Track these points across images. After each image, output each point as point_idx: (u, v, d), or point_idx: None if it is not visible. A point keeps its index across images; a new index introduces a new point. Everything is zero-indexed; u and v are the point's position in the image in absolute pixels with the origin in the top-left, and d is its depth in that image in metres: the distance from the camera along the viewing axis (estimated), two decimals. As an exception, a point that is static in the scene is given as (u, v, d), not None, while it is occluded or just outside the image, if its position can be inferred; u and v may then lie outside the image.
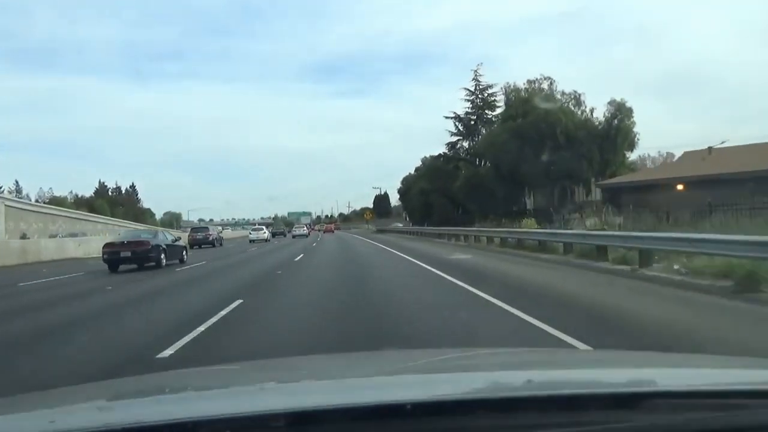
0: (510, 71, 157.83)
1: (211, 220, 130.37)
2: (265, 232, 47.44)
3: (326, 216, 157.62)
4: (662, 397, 1.21)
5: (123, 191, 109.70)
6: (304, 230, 60.12)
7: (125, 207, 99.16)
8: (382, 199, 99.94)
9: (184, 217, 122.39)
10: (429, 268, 14.01)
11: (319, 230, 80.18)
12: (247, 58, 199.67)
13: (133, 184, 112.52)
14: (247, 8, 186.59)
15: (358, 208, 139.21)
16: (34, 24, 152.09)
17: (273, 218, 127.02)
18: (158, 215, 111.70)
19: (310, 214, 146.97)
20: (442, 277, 11.79)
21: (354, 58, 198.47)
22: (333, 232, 72.81)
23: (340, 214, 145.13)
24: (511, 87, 40.50)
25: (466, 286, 9.88)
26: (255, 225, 66.90)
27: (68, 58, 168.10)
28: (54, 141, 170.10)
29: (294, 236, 55.61)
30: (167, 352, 5.48)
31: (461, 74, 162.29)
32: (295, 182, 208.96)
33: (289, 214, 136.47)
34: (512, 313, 6.97)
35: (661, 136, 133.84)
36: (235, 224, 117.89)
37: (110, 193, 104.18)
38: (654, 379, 1.54)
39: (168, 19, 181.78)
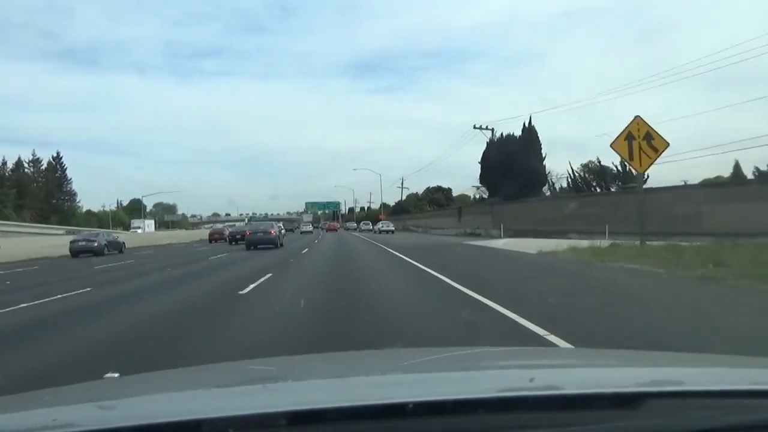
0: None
1: (227, 214, 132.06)
2: (282, 229, 60.06)
3: (361, 208, 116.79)
4: (663, 396, 1.18)
5: (46, 165, 77.80)
6: (309, 228, 74.66)
7: (20, 190, 66.69)
8: (508, 145, 42.76)
9: (180, 210, 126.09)
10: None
11: (321, 228, 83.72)
12: (282, 55, 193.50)
13: (58, 154, 77.35)
14: (284, 5, 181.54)
15: (419, 190, 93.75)
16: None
17: (303, 212, 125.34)
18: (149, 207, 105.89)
19: (337, 204, 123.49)
20: None
21: (390, 55, 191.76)
22: (336, 230, 74.14)
23: (384, 205, 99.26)
24: None
25: None
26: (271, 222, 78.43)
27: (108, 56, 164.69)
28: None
29: (301, 232, 67.48)
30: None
31: (498, 70, 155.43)
32: (322, 177, 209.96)
33: (307, 204, 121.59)
34: None
35: None
36: (251, 218, 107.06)
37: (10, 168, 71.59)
38: (655, 378, 1.51)
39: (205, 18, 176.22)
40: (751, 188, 24.69)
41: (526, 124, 41.26)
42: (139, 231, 52.64)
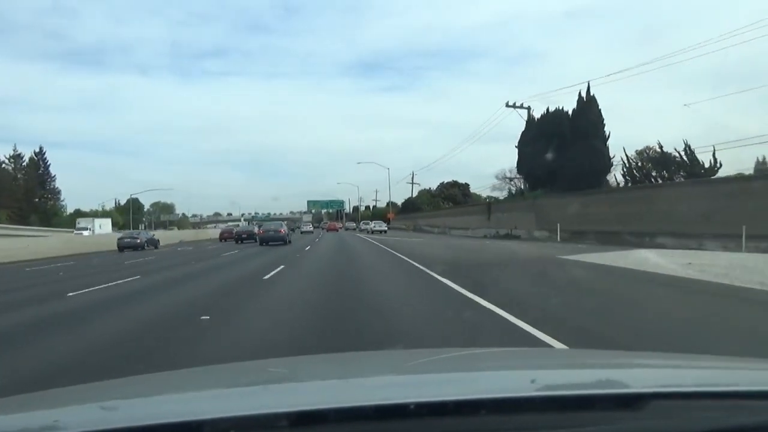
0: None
1: (229, 214, 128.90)
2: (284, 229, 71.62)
3: (366, 207, 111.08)
4: (665, 397, 1.17)
5: (27, 161, 70.10)
6: (310, 227, 73.91)
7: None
8: (557, 123, 32.84)
9: (180, 209, 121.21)
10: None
11: (322, 228, 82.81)
12: (285, 55, 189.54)
13: (41, 149, 69.71)
14: (287, 5, 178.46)
15: (432, 186, 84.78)
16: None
17: (305, 212, 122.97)
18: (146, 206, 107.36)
19: (341, 203, 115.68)
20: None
21: (393, 54, 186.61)
22: (337, 230, 73.38)
23: (390, 204, 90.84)
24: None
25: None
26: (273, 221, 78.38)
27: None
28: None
29: (302, 232, 67.06)
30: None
31: (502, 70, 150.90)
32: (326, 176, 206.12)
33: (308, 203, 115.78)
34: None
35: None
36: (252, 218, 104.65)
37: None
38: (656, 379, 1.49)
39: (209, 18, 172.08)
40: None
41: (583, 95, 31.92)
42: (86, 233, 42.01)
